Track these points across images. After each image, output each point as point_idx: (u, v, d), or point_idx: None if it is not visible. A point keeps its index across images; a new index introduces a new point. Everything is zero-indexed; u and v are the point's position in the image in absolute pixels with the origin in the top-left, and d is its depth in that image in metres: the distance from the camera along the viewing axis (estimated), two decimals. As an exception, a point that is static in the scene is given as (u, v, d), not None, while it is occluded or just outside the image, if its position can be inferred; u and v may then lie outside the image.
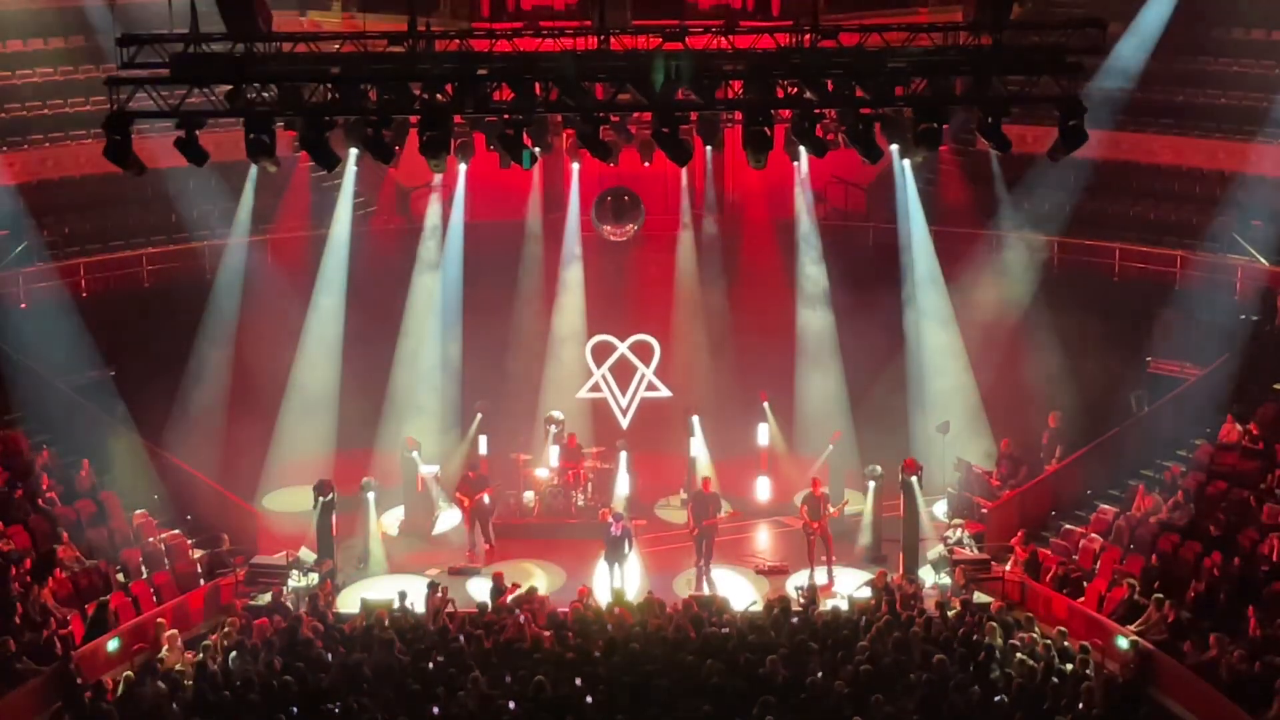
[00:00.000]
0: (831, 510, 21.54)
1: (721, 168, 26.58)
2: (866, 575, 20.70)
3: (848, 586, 20.60)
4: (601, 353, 25.87)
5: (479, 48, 17.10)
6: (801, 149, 19.24)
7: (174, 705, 15.51)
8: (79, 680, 16.59)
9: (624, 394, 25.98)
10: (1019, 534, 20.95)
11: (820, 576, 21.25)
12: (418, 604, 19.10)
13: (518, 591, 19.13)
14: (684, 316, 26.07)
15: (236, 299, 24.21)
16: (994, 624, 17.49)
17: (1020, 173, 25.41)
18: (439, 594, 19.02)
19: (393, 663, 16.15)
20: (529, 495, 23.67)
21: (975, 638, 17.04)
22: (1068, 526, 21.39)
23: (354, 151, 20.08)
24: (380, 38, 16.77)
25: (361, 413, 25.01)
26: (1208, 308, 23.15)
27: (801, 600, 19.13)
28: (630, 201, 23.60)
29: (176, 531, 21.36)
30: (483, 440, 24.09)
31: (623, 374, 26.04)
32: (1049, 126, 17.08)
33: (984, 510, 22.05)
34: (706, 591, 20.53)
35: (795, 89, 16.87)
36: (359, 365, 25.11)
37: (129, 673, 16.82)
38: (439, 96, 16.49)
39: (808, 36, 16.72)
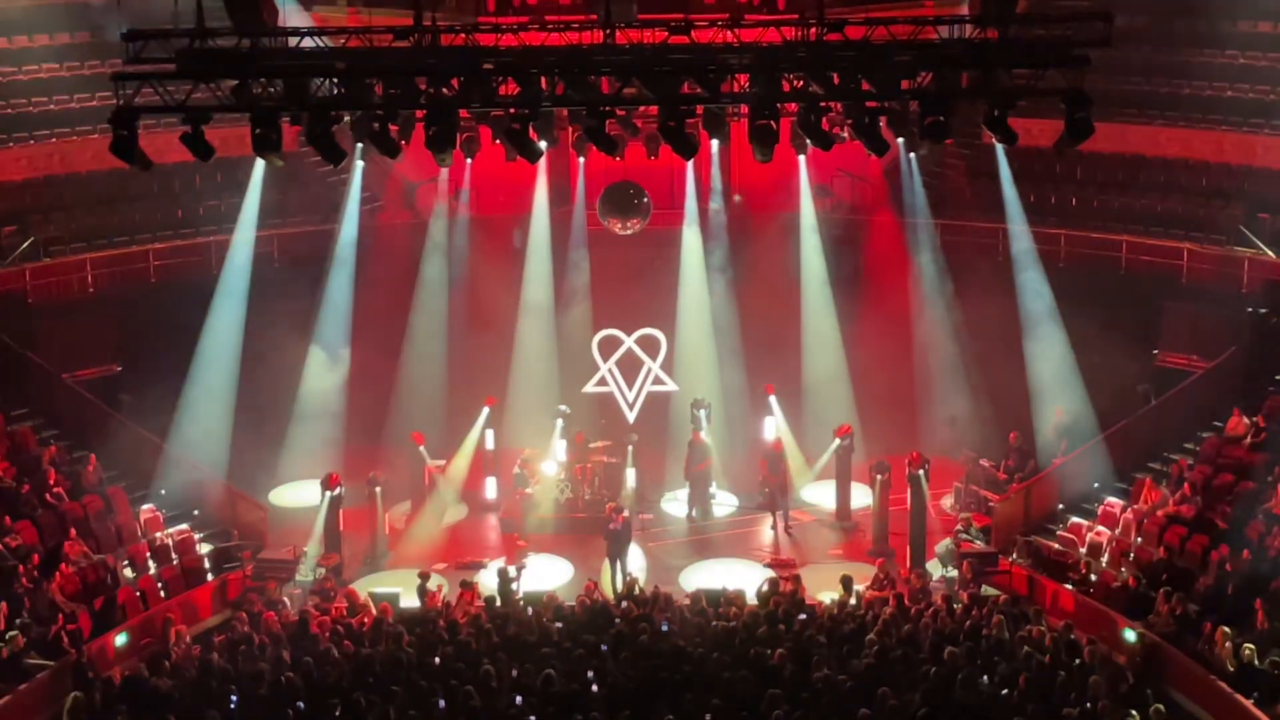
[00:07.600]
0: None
1: (727, 161, 26.54)
2: (873, 570, 20.68)
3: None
4: (608, 347, 25.87)
5: (484, 42, 17.08)
6: (807, 142, 19.20)
7: (181, 700, 15.53)
8: (90, 675, 16.62)
9: (631, 388, 25.99)
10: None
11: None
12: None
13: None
14: (690, 310, 26.03)
15: (243, 294, 24.13)
16: (1001, 617, 17.47)
17: (1027, 166, 25.36)
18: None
19: (401, 657, 16.16)
20: (535, 489, 23.67)
21: (983, 631, 17.04)
22: (1075, 520, 21.35)
23: (360, 146, 20.13)
24: (386, 32, 16.76)
25: (369, 407, 25.05)
26: (1215, 300, 23.12)
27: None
28: (636, 195, 23.54)
29: (184, 526, 21.37)
30: (489, 434, 24.09)
31: (629, 368, 26.03)
32: (1055, 119, 17.03)
33: (991, 503, 22.03)
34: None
35: (801, 82, 16.85)
36: (366, 359, 25.13)
37: (138, 667, 16.84)
38: (445, 91, 16.50)
39: (813, 30, 16.67)
